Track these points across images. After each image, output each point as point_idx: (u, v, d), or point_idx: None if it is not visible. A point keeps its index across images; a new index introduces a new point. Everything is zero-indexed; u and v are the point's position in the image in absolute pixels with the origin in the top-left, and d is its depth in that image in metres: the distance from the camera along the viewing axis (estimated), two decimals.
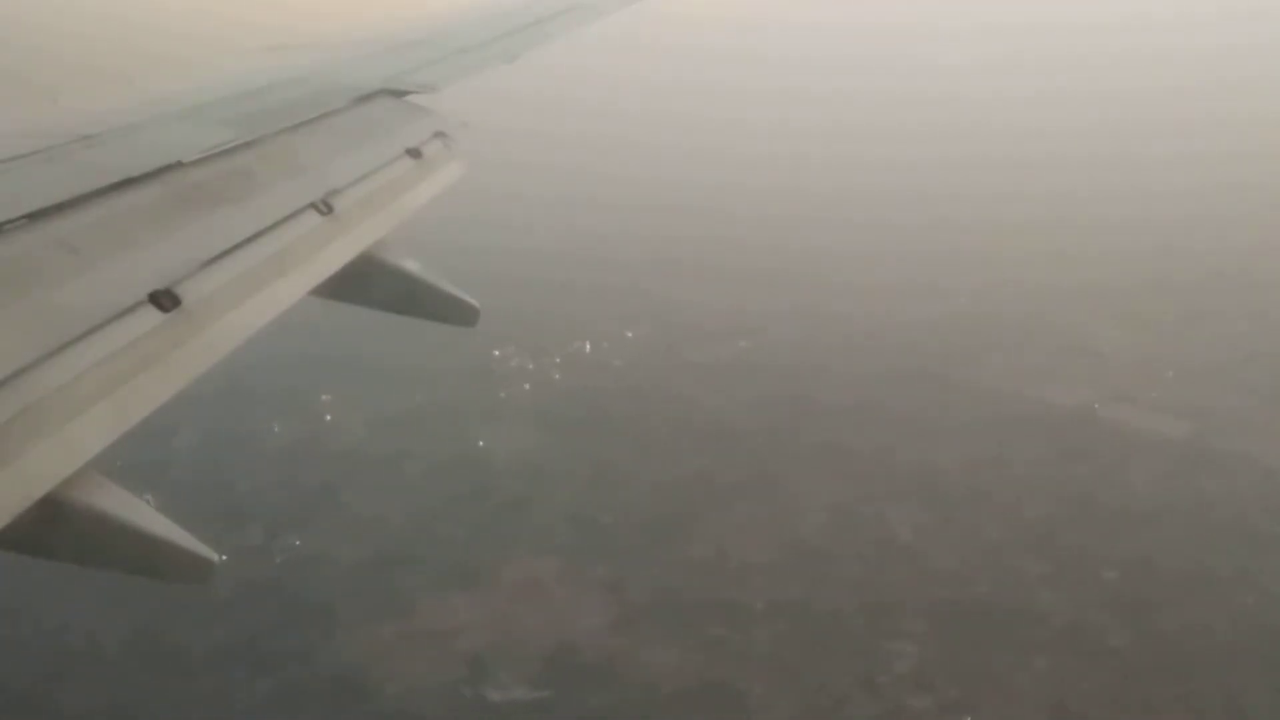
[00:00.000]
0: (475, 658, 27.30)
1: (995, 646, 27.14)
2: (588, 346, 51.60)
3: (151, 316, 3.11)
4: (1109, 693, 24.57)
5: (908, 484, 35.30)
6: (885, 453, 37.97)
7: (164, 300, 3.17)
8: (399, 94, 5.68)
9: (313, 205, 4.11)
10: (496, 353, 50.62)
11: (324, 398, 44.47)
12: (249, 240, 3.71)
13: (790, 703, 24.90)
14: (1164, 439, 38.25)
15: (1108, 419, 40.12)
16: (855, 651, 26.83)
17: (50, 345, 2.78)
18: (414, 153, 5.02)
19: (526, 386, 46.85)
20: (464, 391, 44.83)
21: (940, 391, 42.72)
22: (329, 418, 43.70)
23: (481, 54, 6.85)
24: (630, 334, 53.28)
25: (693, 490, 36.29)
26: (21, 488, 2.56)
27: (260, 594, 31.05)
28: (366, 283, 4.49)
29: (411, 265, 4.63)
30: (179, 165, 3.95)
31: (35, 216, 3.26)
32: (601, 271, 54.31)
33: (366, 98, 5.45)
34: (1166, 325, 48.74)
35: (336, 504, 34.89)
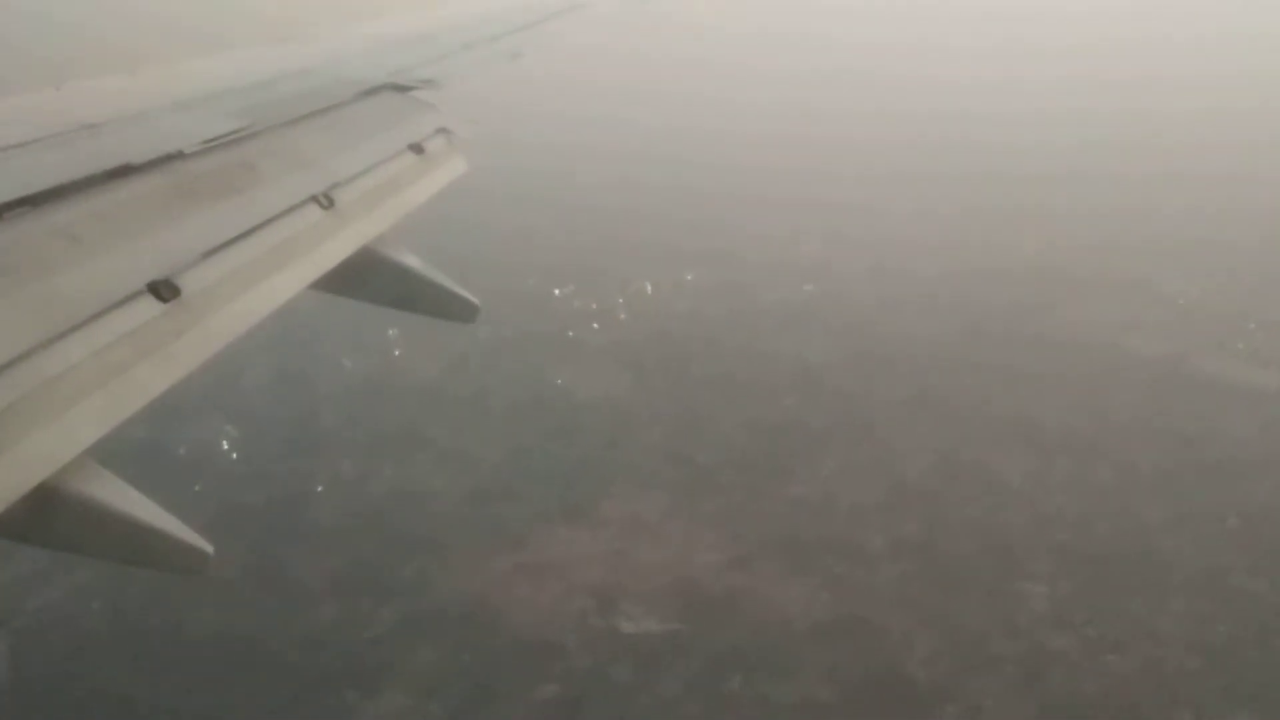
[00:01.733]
0: (597, 591, 26.66)
1: (1128, 589, 26.70)
2: (649, 288, 50.82)
3: (151, 306, 3.09)
4: (1255, 635, 24.22)
5: (1006, 431, 34.78)
6: (978, 400, 37.42)
7: (163, 290, 3.15)
8: (403, 89, 5.58)
9: (314, 198, 4.10)
10: (556, 292, 49.96)
11: (390, 332, 43.61)
12: (250, 232, 3.70)
13: (931, 640, 24.38)
14: (1258, 389, 37.93)
15: (1196, 370, 39.72)
16: (986, 592, 26.29)
17: (48, 333, 2.76)
18: (416, 148, 4.97)
19: (595, 326, 46.06)
20: (531, 331, 44.08)
21: (1021, 342, 42.20)
22: (398, 353, 42.88)
23: (487, 50, 6.72)
24: (689, 276, 52.55)
25: (787, 432, 35.70)
26: (17, 475, 2.51)
27: (363, 526, 30.37)
28: (366, 277, 4.46)
29: (411, 261, 4.58)
30: (181, 155, 3.90)
31: (36, 204, 3.21)
32: (639, 224, 53.55)
33: (370, 92, 5.37)
34: (1240, 279, 48.25)
35: (422, 439, 34.14)
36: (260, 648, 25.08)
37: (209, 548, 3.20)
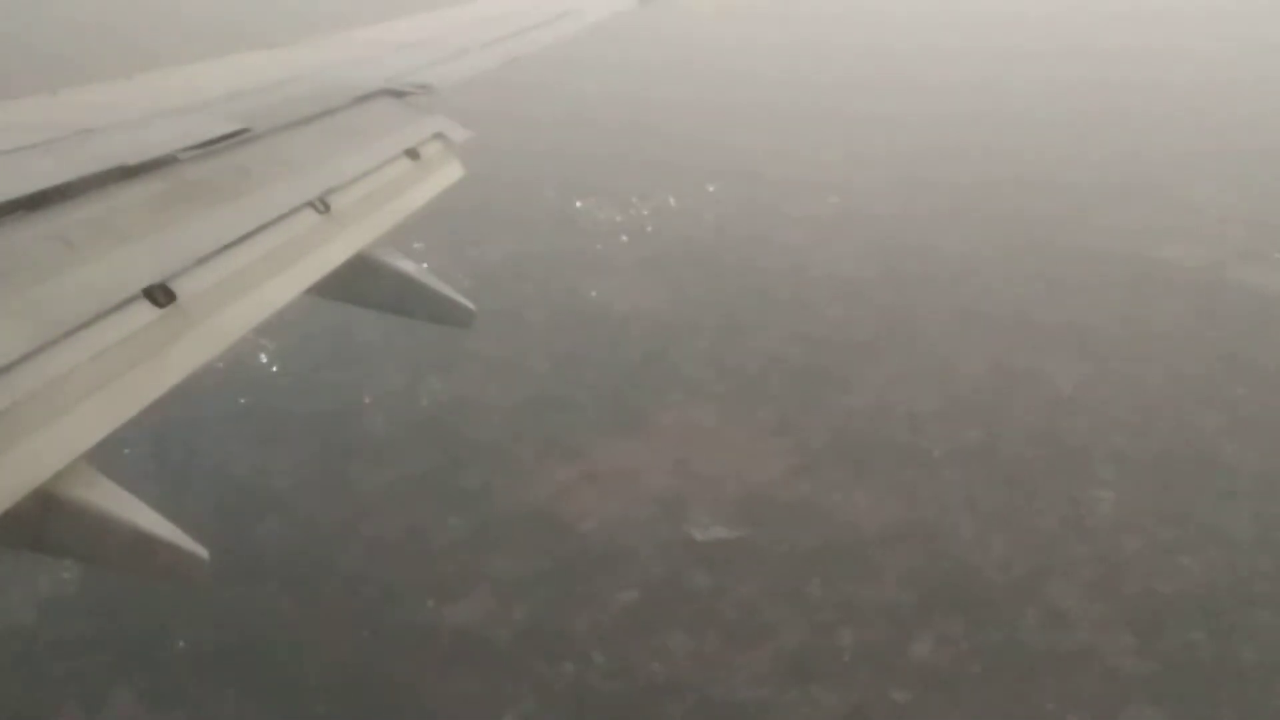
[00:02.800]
0: (663, 499, 26.45)
1: (1193, 493, 26.78)
2: (672, 200, 50.08)
3: (146, 312, 3.05)
4: None
5: (1054, 338, 34.66)
6: (1021, 309, 37.24)
7: (159, 296, 3.11)
8: (399, 94, 5.56)
9: (310, 204, 4.09)
10: (578, 204, 49.16)
11: (415, 245, 42.39)
12: (245, 237, 3.69)
13: (1003, 542, 24.39)
14: None
15: (1237, 278, 39.66)
16: (1052, 496, 26.31)
17: (43, 339, 2.75)
18: (412, 153, 4.98)
19: (624, 239, 45.39)
20: (558, 243, 43.45)
21: (1058, 250, 41.94)
22: (426, 266, 41.79)
23: (483, 56, 6.70)
24: (711, 188, 51.80)
25: (834, 342, 35.42)
26: (12, 481, 2.51)
27: (418, 438, 30.02)
28: (362, 282, 4.45)
29: (407, 266, 4.55)
30: (176, 160, 3.88)
31: (30, 208, 3.19)
32: (655, 140, 52.63)
33: (366, 98, 5.37)
34: (1272, 188, 47.93)
35: (466, 350, 33.61)
36: (328, 559, 24.83)
37: (205, 554, 3.15)
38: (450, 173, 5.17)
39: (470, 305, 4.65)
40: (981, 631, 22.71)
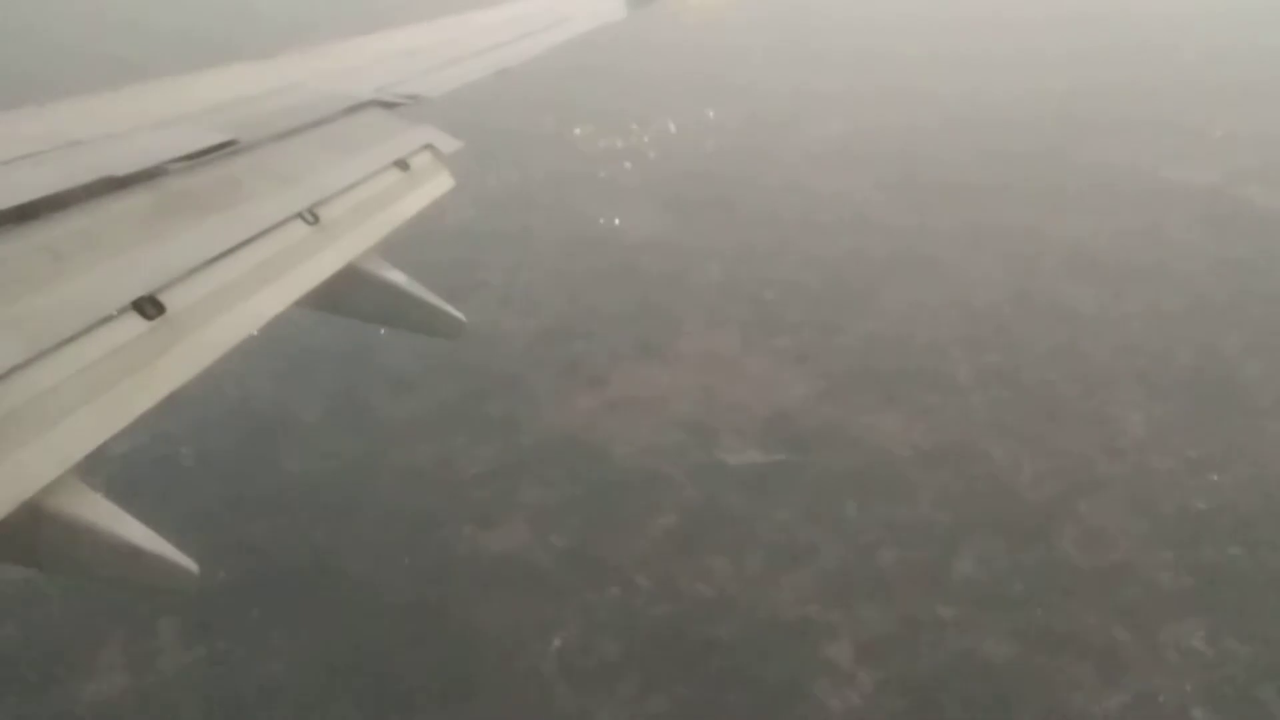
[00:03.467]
0: (692, 425, 26.30)
1: (1219, 412, 26.94)
2: (672, 126, 49.37)
3: (135, 324, 3.04)
4: None
5: (1068, 260, 34.59)
6: (1034, 230, 37.14)
7: (148, 308, 3.09)
8: (388, 105, 5.52)
9: (299, 215, 4.07)
10: (577, 131, 48.41)
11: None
12: (234, 249, 3.67)
13: (1037, 464, 24.46)
14: None
15: (1243, 197, 39.69)
16: (1080, 417, 26.39)
17: (31, 351, 2.73)
18: (402, 164, 4.95)
19: (627, 165, 44.74)
20: (562, 168, 42.75)
21: (1067, 170, 41.74)
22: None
23: (473, 65, 6.67)
24: (711, 114, 51.08)
25: (849, 267, 35.20)
26: (1, 493, 2.49)
27: (440, 367, 29.64)
28: (352, 293, 4.42)
29: (397, 277, 4.54)
30: (165, 171, 3.86)
31: (17, 220, 3.17)
32: (650, 71, 51.62)
33: (356, 108, 5.33)
34: (1271, 112, 47.77)
35: (477, 279, 33.18)
36: (360, 490, 24.57)
37: (194, 567, 3.17)
38: (440, 183, 5.19)
39: (460, 316, 4.76)
40: (1021, 550, 22.81)
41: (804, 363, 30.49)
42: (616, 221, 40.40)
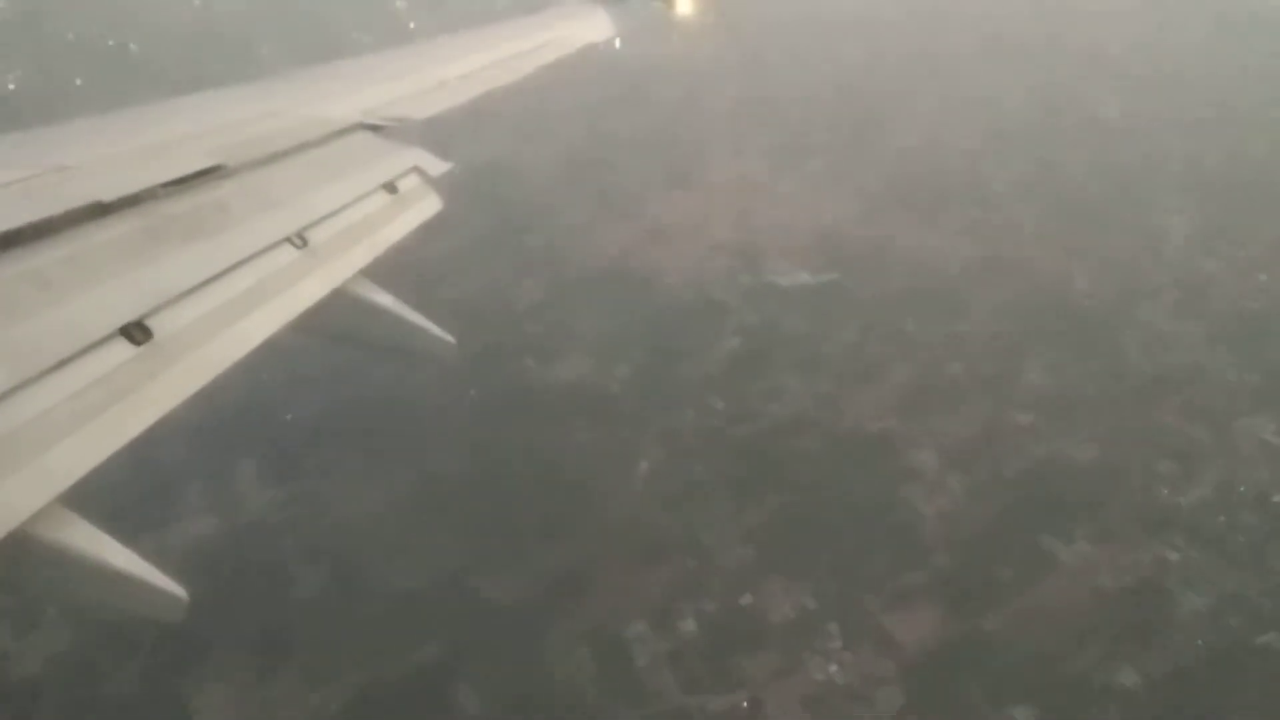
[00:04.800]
0: (736, 250, 25.85)
1: (1259, 214, 27.18)
2: None
3: (123, 350, 3.10)
4: None
5: (1087, 69, 33.94)
6: (1050, 40, 36.15)
7: (135, 333, 3.17)
8: (376, 128, 5.47)
9: (287, 239, 4.08)
10: None
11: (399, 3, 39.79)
12: (223, 273, 3.67)
13: (1086, 273, 24.58)
14: None
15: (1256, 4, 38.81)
16: (1123, 225, 26.61)
17: (20, 378, 2.77)
18: (390, 187, 4.94)
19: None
20: None
21: None
22: (412, 26, 39.33)
23: (460, 88, 6.55)
24: None
25: (867, 89, 34.21)
26: None
27: (470, 200, 28.50)
28: (341, 317, 4.36)
29: (386, 300, 4.52)
30: (153, 197, 3.88)
31: (6, 247, 3.23)
32: None
33: (343, 132, 5.30)
34: None
35: (487, 111, 31.47)
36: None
37: (184, 594, 3.07)
38: (428, 206, 5.00)
39: (450, 339, 4.64)
40: (1085, 356, 22.93)
41: (839, 184, 29.83)
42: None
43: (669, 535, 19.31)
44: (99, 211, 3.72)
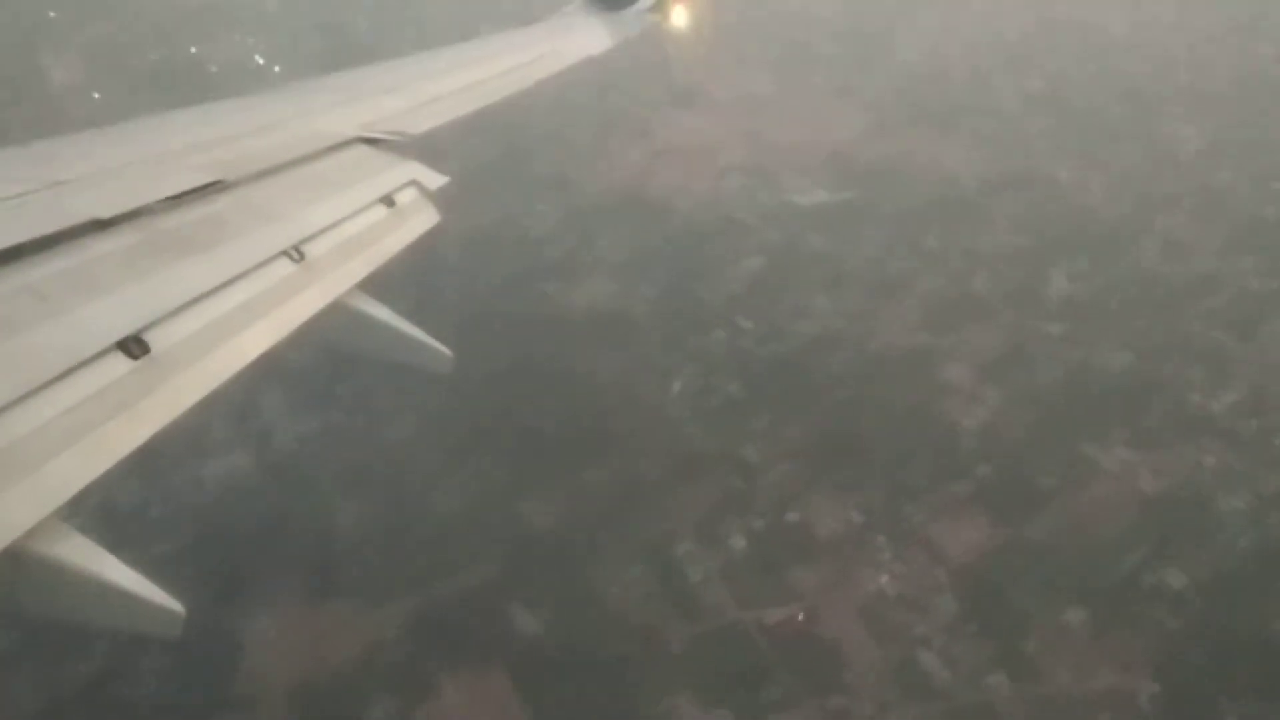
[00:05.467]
0: (749, 169, 25.66)
1: (1270, 123, 27.14)
2: None
3: (120, 364, 3.11)
4: None
5: None
6: None
7: (133, 347, 3.18)
8: (373, 141, 5.49)
9: (284, 253, 4.12)
10: None
11: None
12: (220, 287, 3.71)
13: (1103, 185, 24.73)
14: None
15: None
16: (1135, 137, 26.84)
17: (16, 393, 2.79)
18: (387, 200, 4.96)
19: None
20: None
21: None
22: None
23: (457, 101, 6.56)
24: None
25: (868, 9, 33.59)
26: None
27: (467, 124, 27.66)
28: (338, 330, 4.40)
29: (383, 313, 4.52)
30: (150, 211, 3.91)
31: (3, 263, 3.24)
32: None
33: (340, 145, 5.31)
34: None
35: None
36: (427, 255, 23.35)
37: (181, 610, 3.03)
38: (425, 219, 5.02)
39: (447, 351, 4.60)
40: (1108, 266, 22.92)
41: (845, 99, 29.41)
42: None
43: (710, 453, 19.23)
44: (96, 226, 3.74)
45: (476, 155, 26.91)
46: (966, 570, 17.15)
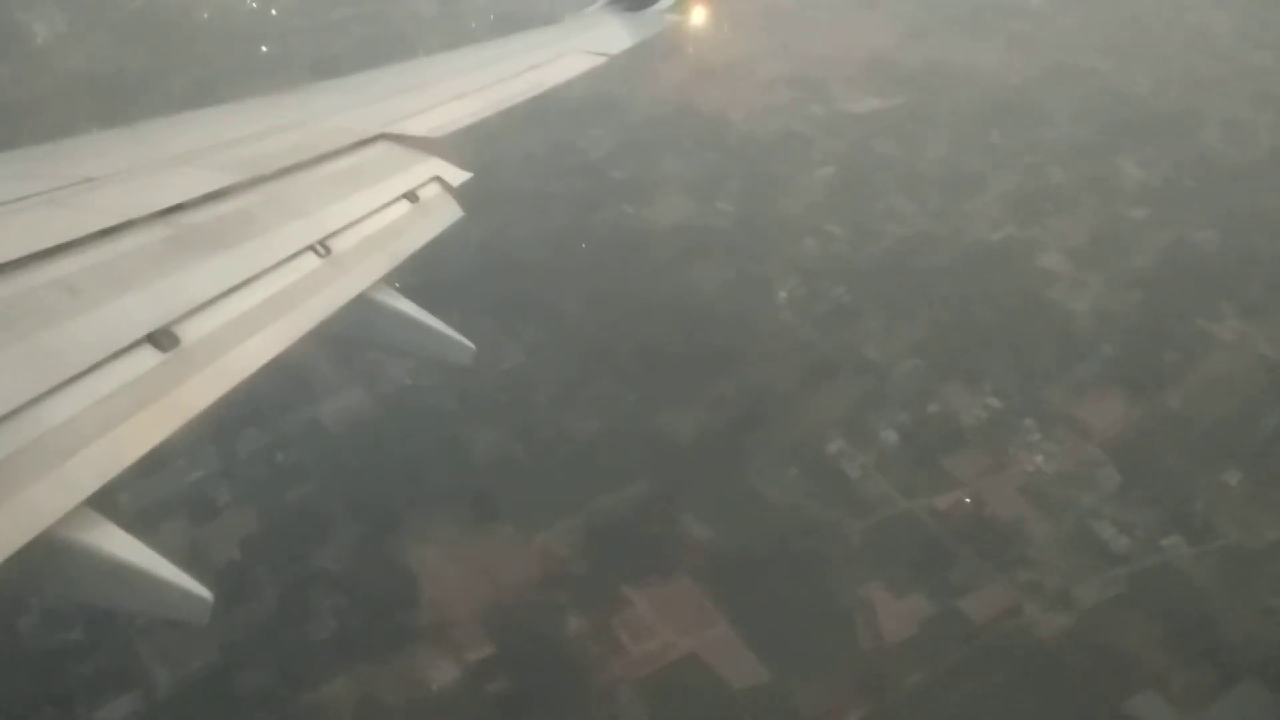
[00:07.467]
0: (795, 81, 25.68)
1: None
2: None
3: (150, 356, 3.22)
4: None
5: None
6: None
7: (163, 340, 3.29)
8: (397, 138, 5.63)
9: (311, 247, 4.21)
10: None
11: None
12: (247, 281, 3.81)
13: (1147, 74, 24.80)
14: None
15: None
16: (1169, 25, 27.12)
17: (49, 384, 2.85)
18: (411, 196, 5.07)
19: None
20: None
21: None
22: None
23: (478, 100, 6.61)
24: None
25: None
26: (19, 525, 2.61)
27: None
28: (363, 323, 4.49)
29: (407, 307, 4.59)
30: (179, 207, 4.03)
31: (37, 257, 3.34)
32: None
33: (365, 142, 5.45)
34: None
35: None
36: (494, 182, 22.74)
37: (209, 595, 3.10)
38: (448, 214, 5.11)
39: (470, 344, 4.60)
40: (1174, 150, 23.19)
41: (873, 8, 29.19)
42: None
43: (833, 355, 19.06)
44: (127, 221, 3.75)
45: None
46: (1117, 442, 17.33)
